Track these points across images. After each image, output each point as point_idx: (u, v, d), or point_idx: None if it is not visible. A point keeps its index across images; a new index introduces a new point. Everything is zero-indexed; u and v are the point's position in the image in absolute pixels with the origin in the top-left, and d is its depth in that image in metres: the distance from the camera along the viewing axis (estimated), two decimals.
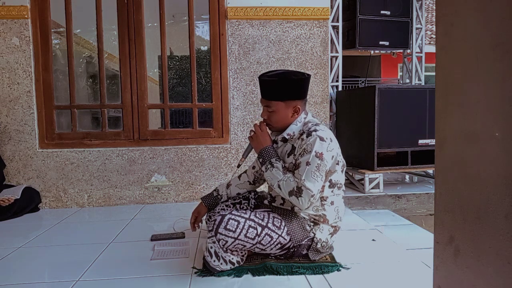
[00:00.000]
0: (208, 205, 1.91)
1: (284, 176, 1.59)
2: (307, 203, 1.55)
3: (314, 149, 1.57)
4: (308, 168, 1.55)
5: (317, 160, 1.56)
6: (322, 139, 1.59)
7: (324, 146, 1.58)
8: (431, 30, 9.71)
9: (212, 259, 1.58)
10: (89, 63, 5.06)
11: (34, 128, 2.93)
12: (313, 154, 1.56)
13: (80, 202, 2.98)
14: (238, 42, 3.05)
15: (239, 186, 1.96)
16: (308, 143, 1.59)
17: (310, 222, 1.68)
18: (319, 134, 1.59)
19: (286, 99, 1.67)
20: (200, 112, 3.21)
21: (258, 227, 1.57)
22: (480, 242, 0.68)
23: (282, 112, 1.68)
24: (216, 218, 1.56)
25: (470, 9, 0.69)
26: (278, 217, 1.65)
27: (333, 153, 1.64)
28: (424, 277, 1.55)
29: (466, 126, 0.70)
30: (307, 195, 1.53)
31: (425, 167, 3.19)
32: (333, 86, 3.56)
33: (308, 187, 1.53)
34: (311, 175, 1.55)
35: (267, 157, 1.65)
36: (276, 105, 1.67)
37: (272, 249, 1.63)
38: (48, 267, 1.81)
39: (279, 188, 1.60)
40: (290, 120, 1.70)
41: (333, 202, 1.69)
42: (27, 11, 2.87)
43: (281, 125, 1.71)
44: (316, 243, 1.66)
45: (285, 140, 1.74)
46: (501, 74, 0.62)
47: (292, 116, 1.70)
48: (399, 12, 3.65)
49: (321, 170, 1.57)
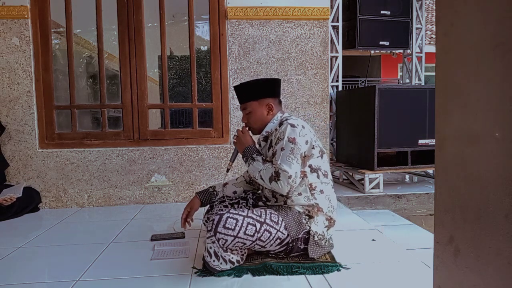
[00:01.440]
0: (202, 199, 1.96)
1: (263, 166, 1.69)
2: (286, 185, 1.61)
3: (286, 135, 1.67)
4: (282, 153, 1.65)
5: (290, 145, 1.65)
6: (293, 126, 1.70)
7: (296, 131, 1.69)
8: (431, 30, 9.71)
9: (211, 259, 1.58)
10: (89, 63, 5.07)
11: (34, 128, 2.94)
12: (285, 140, 1.66)
13: (80, 202, 2.98)
14: (238, 42, 3.05)
15: (235, 185, 2.02)
16: (280, 131, 1.71)
17: (305, 215, 1.70)
18: (289, 122, 1.72)
19: (258, 98, 1.82)
20: (200, 112, 3.21)
21: (256, 224, 1.59)
22: (480, 242, 0.68)
23: (257, 111, 1.82)
24: (214, 218, 1.57)
25: (470, 9, 0.69)
26: (275, 213, 1.67)
27: (307, 138, 1.71)
28: (424, 277, 1.55)
29: (466, 126, 0.70)
30: (284, 177, 1.60)
31: (425, 167, 3.19)
32: (333, 86, 3.56)
33: (284, 169, 1.61)
34: (286, 158, 1.63)
35: (249, 154, 1.77)
36: (250, 105, 1.83)
37: (271, 245, 1.64)
38: (48, 267, 1.81)
39: (261, 179, 1.67)
40: (267, 119, 1.83)
41: (323, 191, 1.73)
42: (27, 11, 2.87)
43: (260, 124, 1.84)
44: (312, 236, 1.68)
45: (266, 139, 1.84)
46: (501, 74, 0.62)
47: (268, 114, 1.83)
48: (399, 12, 3.65)
49: (295, 153, 1.65)
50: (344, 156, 3.50)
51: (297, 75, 3.10)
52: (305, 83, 3.11)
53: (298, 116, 3.10)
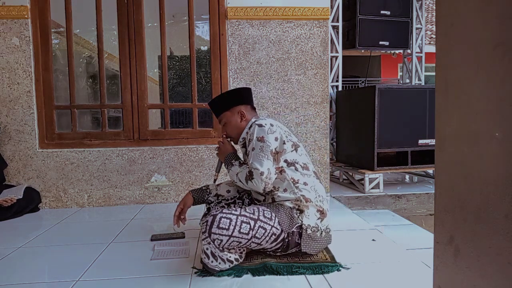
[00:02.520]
0: (195, 196, 1.98)
1: (240, 169, 1.76)
2: (260, 182, 1.66)
3: (255, 135, 1.74)
4: (253, 152, 1.71)
5: (259, 144, 1.72)
6: (260, 125, 1.76)
7: (264, 130, 1.74)
8: (431, 30, 9.71)
9: (209, 260, 1.58)
10: (89, 63, 5.06)
11: (34, 128, 2.94)
12: (255, 140, 1.73)
13: (80, 202, 2.98)
14: (238, 42, 3.05)
15: (229, 184, 2.04)
16: (250, 133, 1.78)
17: (296, 210, 1.71)
18: (257, 123, 1.78)
19: (229, 107, 1.90)
20: (200, 112, 3.21)
21: (250, 221, 1.59)
22: (480, 242, 0.68)
23: (231, 120, 1.91)
24: (208, 219, 1.58)
25: (470, 9, 0.69)
26: (267, 210, 1.68)
27: (276, 135, 1.75)
28: (424, 277, 1.55)
29: (466, 126, 0.70)
30: (257, 175, 1.65)
31: (425, 167, 3.19)
32: (333, 86, 3.56)
33: (256, 167, 1.66)
34: (257, 156, 1.69)
35: (228, 160, 1.85)
36: (224, 116, 1.92)
37: (267, 241, 1.64)
38: (48, 267, 1.81)
39: (239, 181, 1.73)
40: (242, 126, 1.90)
41: (306, 183, 1.74)
42: (27, 11, 2.87)
43: (236, 132, 1.91)
44: (305, 229, 1.69)
45: (244, 145, 1.88)
46: (501, 74, 0.62)
47: (241, 121, 1.90)
48: (399, 12, 3.66)
49: (265, 151, 1.70)
50: (344, 156, 3.50)
51: (297, 75, 3.10)
52: (305, 83, 3.11)
53: (298, 116, 3.10)
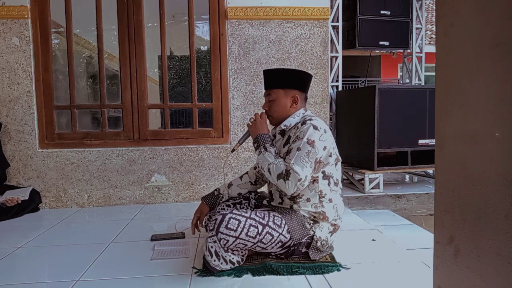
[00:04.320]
0: (209, 204, 1.93)
1: (275, 160, 1.63)
2: (293, 187, 1.56)
3: (307, 136, 1.61)
4: (298, 153, 1.59)
5: (308, 147, 1.59)
6: (315, 128, 1.64)
7: (317, 135, 1.63)
8: (431, 30, 9.71)
9: (212, 259, 1.57)
10: (89, 63, 5.07)
11: (34, 128, 2.94)
12: (304, 141, 1.60)
13: (80, 202, 2.98)
14: (238, 42, 3.05)
15: (240, 186, 1.98)
16: (301, 130, 1.65)
17: (310, 220, 1.69)
18: (313, 123, 1.65)
19: (285, 87, 1.76)
20: (200, 112, 3.21)
21: (259, 226, 1.58)
22: (480, 242, 0.68)
23: (281, 100, 1.76)
24: (217, 218, 1.56)
25: (470, 9, 0.69)
26: (278, 216, 1.65)
27: (326, 144, 1.66)
28: (424, 277, 1.55)
29: (466, 126, 0.70)
30: (294, 178, 1.55)
31: (425, 167, 3.19)
32: (333, 86, 3.56)
33: (296, 170, 1.55)
34: (300, 160, 1.57)
35: (262, 142, 1.71)
36: (276, 92, 1.76)
37: (273, 247, 1.63)
38: (48, 267, 1.81)
39: (268, 172, 1.63)
40: (289, 111, 1.77)
41: (332, 200, 1.70)
42: (27, 11, 2.87)
43: (280, 115, 1.77)
44: (316, 241, 1.67)
45: (283, 133, 1.78)
46: (501, 74, 0.62)
47: (291, 106, 1.77)
48: (399, 12, 3.65)
49: (311, 157, 1.59)
50: (344, 156, 3.49)
51: None
52: None
53: None
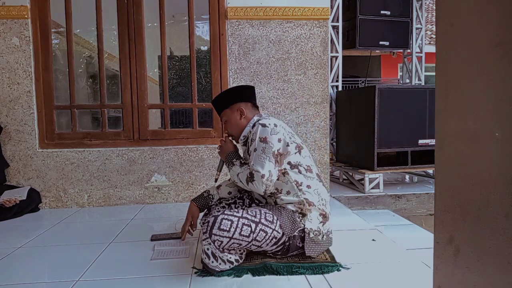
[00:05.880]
0: (200, 206, 1.96)
1: (241, 169, 1.73)
2: (261, 185, 1.63)
3: (258, 136, 1.71)
4: (255, 153, 1.68)
5: (262, 145, 1.68)
6: (263, 125, 1.73)
7: (267, 131, 1.71)
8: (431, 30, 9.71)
9: (210, 261, 1.58)
10: (89, 63, 5.06)
11: (34, 128, 2.93)
12: (257, 140, 1.70)
13: (80, 202, 2.98)
14: (238, 42, 3.05)
15: (229, 185, 2.02)
16: (253, 132, 1.75)
17: (298, 214, 1.70)
18: (260, 122, 1.75)
19: (228, 106, 1.88)
20: (200, 112, 3.20)
21: (252, 224, 1.59)
22: (480, 242, 0.68)
23: (231, 117, 1.88)
24: (209, 220, 1.58)
25: (470, 9, 0.69)
26: (269, 212, 1.68)
27: (279, 136, 1.72)
28: (424, 277, 1.55)
29: (466, 126, 0.70)
30: (258, 177, 1.63)
31: (425, 167, 3.19)
32: (333, 86, 3.56)
33: (257, 169, 1.64)
34: (258, 158, 1.66)
35: (230, 159, 1.82)
36: (224, 113, 1.90)
37: (267, 244, 1.64)
38: (48, 267, 1.81)
39: (239, 181, 1.71)
40: (242, 123, 1.87)
41: (310, 186, 1.73)
42: (27, 11, 2.87)
43: (237, 130, 1.88)
44: (308, 233, 1.68)
45: (245, 143, 1.87)
46: (501, 74, 0.62)
47: (241, 119, 1.87)
48: (399, 12, 3.66)
49: (267, 152, 1.67)
50: (344, 156, 3.50)
51: (297, 75, 3.10)
52: (305, 83, 3.11)
53: (298, 116, 3.10)
